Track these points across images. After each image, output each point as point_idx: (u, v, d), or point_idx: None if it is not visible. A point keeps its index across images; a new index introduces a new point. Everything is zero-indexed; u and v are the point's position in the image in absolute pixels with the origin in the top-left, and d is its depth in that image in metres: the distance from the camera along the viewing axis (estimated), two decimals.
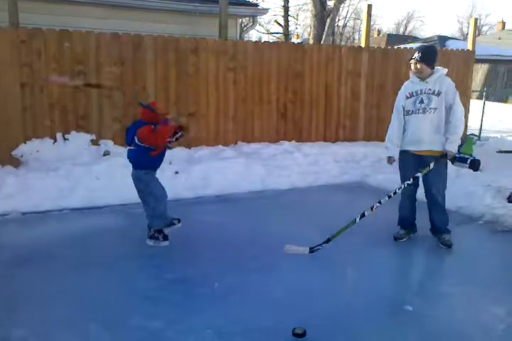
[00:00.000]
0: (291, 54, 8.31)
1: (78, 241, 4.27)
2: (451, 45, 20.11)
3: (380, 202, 4.20)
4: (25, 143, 6.39)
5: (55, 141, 6.56)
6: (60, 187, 5.45)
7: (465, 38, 36.02)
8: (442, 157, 4.23)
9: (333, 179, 6.88)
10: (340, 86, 8.86)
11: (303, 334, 2.81)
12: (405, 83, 4.51)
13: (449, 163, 7.23)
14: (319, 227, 4.83)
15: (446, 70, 4.36)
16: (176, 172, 6.29)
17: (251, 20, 11.64)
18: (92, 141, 6.78)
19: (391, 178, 6.68)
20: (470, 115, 10.62)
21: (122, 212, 5.15)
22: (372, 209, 4.17)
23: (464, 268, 3.98)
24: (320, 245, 3.87)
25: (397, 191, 4.25)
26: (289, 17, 27.69)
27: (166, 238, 4.25)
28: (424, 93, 4.26)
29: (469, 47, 10.29)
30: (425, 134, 4.27)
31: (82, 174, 5.69)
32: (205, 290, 3.46)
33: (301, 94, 8.51)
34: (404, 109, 4.40)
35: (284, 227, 4.81)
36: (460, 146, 7.61)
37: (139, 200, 4.39)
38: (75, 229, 4.58)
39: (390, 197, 4.20)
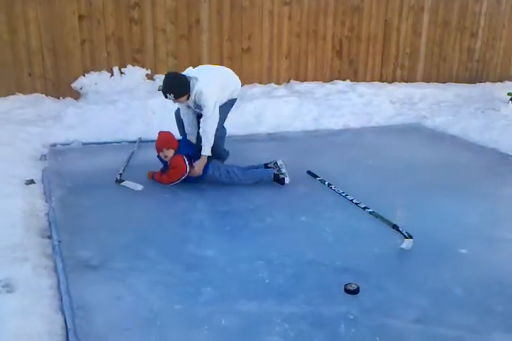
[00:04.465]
0: None
1: (135, 172, 4.42)
2: None
3: None
4: (84, 75, 6.52)
5: (112, 74, 6.66)
6: (118, 119, 5.59)
7: None
8: None
9: (388, 120, 6.71)
10: (401, 22, 8.42)
11: (356, 291, 2.69)
12: None
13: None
14: (368, 169, 4.81)
15: (197, 80, 4.07)
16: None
17: None
18: (147, 75, 6.84)
19: (450, 121, 6.50)
20: None
21: None
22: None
23: None
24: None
25: None
26: None
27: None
28: (196, 107, 4.24)
29: None
30: None
31: (138, 108, 5.80)
32: (256, 224, 3.55)
33: (359, 30, 8.15)
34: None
35: (334, 167, 4.80)
36: None
37: None
38: (131, 161, 4.74)
39: None
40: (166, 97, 4.11)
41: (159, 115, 5.70)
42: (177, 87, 4.07)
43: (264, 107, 6.41)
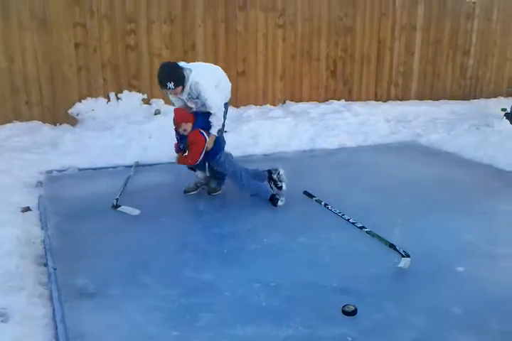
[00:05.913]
0: (342, 8, 8.02)
1: (131, 196, 4.43)
2: None
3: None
4: (80, 102, 6.58)
5: (109, 100, 6.72)
6: (115, 145, 5.62)
7: None
8: None
9: (384, 139, 6.75)
10: (394, 41, 8.54)
11: (353, 312, 2.68)
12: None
13: (507, 123, 6.98)
14: (365, 188, 4.82)
15: (191, 71, 4.09)
16: (225, 131, 6.32)
17: None
18: (143, 100, 6.91)
19: (445, 138, 6.54)
20: None
21: (173, 169, 5.26)
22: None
23: None
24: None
25: None
26: None
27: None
28: (189, 99, 4.25)
29: None
30: None
31: (135, 132, 5.84)
32: (253, 246, 3.54)
33: (352, 51, 8.27)
34: None
35: (331, 187, 4.82)
36: None
37: None
38: (128, 185, 4.74)
39: None
40: (166, 87, 4.03)
41: (156, 139, 5.74)
42: (176, 75, 4.04)
43: (260, 128, 6.45)
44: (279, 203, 4.26)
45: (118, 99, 6.77)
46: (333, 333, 2.53)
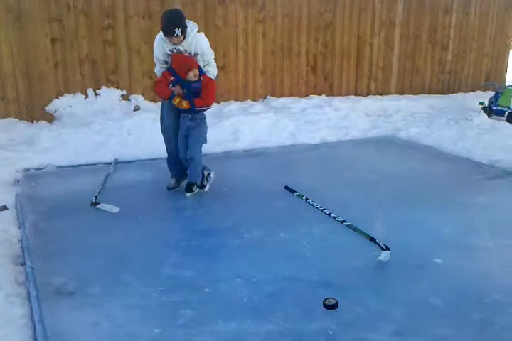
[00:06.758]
0: (322, 3, 8.03)
1: (110, 194, 4.38)
2: None
3: None
4: (57, 98, 6.49)
5: (87, 96, 6.64)
6: (93, 141, 5.55)
7: None
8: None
9: (364, 133, 6.79)
10: (373, 36, 8.59)
11: (334, 306, 2.68)
12: (158, 38, 4.20)
13: (485, 116, 7.09)
14: (345, 182, 4.84)
15: (196, 27, 4.13)
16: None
17: None
18: (122, 96, 6.83)
19: (423, 132, 6.60)
20: (509, 66, 10.23)
21: (152, 166, 5.23)
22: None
23: (498, 221, 3.93)
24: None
25: None
26: None
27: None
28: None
29: None
30: None
31: (113, 129, 5.77)
32: (234, 242, 3.53)
33: (332, 46, 8.30)
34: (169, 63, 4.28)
35: (312, 182, 4.83)
36: (497, 98, 7.36)
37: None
38: (107, 183, 4.69)
39: None
40: (173, 33, 3.94)
41: (135, 136, 5.69)
42: (182, 20, 4.00)
43: (240, 124, 6.44)
44: (205, 189, 4.41)
45: (96, 95, 6.69)
46: (315, 327, 2.53)
